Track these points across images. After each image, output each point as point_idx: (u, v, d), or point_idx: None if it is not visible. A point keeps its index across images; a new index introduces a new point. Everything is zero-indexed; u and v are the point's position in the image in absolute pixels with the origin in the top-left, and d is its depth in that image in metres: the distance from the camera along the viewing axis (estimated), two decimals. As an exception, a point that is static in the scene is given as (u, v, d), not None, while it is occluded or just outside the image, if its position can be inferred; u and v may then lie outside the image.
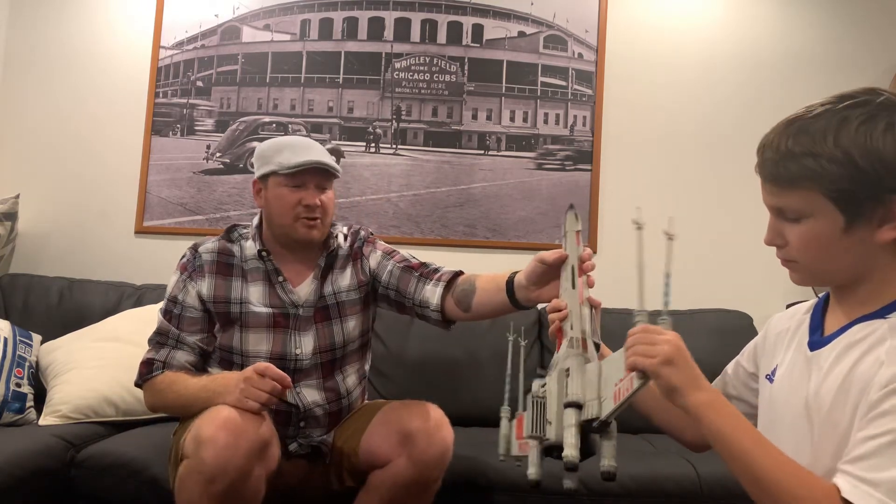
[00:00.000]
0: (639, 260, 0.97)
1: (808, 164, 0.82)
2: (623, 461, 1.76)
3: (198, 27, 2.66)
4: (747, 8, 2.69)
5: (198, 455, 1.24)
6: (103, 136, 2.63)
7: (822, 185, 0.81)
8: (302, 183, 1.51)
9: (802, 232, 0.85)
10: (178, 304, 1.54)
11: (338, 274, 1.60)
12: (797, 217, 0.85)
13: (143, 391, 1.53)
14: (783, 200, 0.86)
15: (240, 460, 1.24)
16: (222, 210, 2.59)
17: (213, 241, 1.59)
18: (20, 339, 2.05)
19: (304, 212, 1.51)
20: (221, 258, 1.56)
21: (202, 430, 1.26)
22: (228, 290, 1.53)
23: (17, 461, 1.55)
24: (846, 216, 0.81)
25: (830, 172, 0.80)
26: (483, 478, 1.69)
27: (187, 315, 1.53)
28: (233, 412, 1.29)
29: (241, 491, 1.26)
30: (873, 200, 0.80)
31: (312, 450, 1.53)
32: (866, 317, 0.85)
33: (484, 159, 2.63)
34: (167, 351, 1.51)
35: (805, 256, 0.87)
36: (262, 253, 1.55)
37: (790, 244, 0.87)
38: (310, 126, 2.63)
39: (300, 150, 1.52)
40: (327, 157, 1.53)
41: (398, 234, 2.58)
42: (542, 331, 2.37)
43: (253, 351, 1.51)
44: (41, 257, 2.58)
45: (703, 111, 2.67)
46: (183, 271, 1.56)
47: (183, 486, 1.29)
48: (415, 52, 2.65)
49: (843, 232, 0.82)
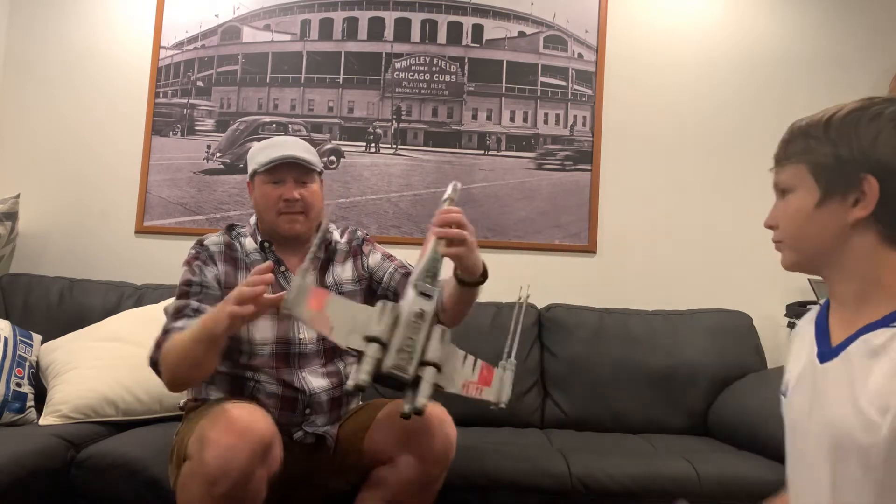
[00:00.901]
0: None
1: (800, 142, 0.89)
2: (623, 461, 1.78)
3: (198, 27, 2.66)
4: (747, 8, 2.69)
5: (200, 456, 1.24)
6: (103, 136, 2.63)
7: (807, 160, 0.88)
8: (281, 179, 1.54)
9: (786, 205, 0.91)
10: (195, 285, 1.50)
11: (338, 267, 1.64)
12: (785, 190, 0.91)
13: (161, 370, 1.43)
14: (778, 176, 0.93)
15: (242, 462, 1.24)
16: (222, 210, 2.59)
17: (217, 234, 1.62)
18: (20, 339, 2.05)
19: (285, 206, 1.54)
20: (227, 250, 1.58)
21: (205, 431, 1.26)
22: (236, 280, 1.54)
23: (17, 461, 1.55)
24: (822, 190, 0.86)
25: (815, 150, 0.87)
26: (483, 477, 1.69)
27: (207, 293, 1.50)
28: (236, 413, 1.29)
29: (242, 493, 1.26)
30: (847, 179, 0.84)
31: (317, 439, 1.53)
32: (871, 326, 0.84)
33: (484, 159, 2.64)
34: (185, 321, 1.44)
35: (787, 231, 0.91)
36: (265, 244, 1.58)
37: (779, 223, 0.93)
38: (310, 126, 2.63)
39: (278, 147, 1.55)
40: (303, 152, 1.55)
41: (398, 234, 2.58)
42: (542, 331, 2.37)
43: (259, 339, 1.51)
44: (41, 257, 2.58)
45: (704, 111, 2.67)
46: (195, 260, 1.54)
47: (185, 488, 1.29)
48: (415, 53, 2.65)
49: (818, 206, 0.87)
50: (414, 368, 1.07)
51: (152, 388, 1.90)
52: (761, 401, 2.01)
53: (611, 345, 2.31)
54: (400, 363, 1.07)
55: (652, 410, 2.23)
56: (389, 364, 1.06)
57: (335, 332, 1.11)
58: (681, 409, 2.23)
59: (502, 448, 1.83)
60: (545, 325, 2.38)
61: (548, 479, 1.70)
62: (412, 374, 1.06)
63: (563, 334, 2.34)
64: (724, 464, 1.78)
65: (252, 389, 1.51)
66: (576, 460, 1.75)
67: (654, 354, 2.27)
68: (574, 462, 1.74)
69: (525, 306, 1.19)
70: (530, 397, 2.27)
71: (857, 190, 0.84)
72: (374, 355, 1.06)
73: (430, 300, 1.16)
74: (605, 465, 1.73)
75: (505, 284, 2.58)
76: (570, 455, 1.78)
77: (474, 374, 1.12)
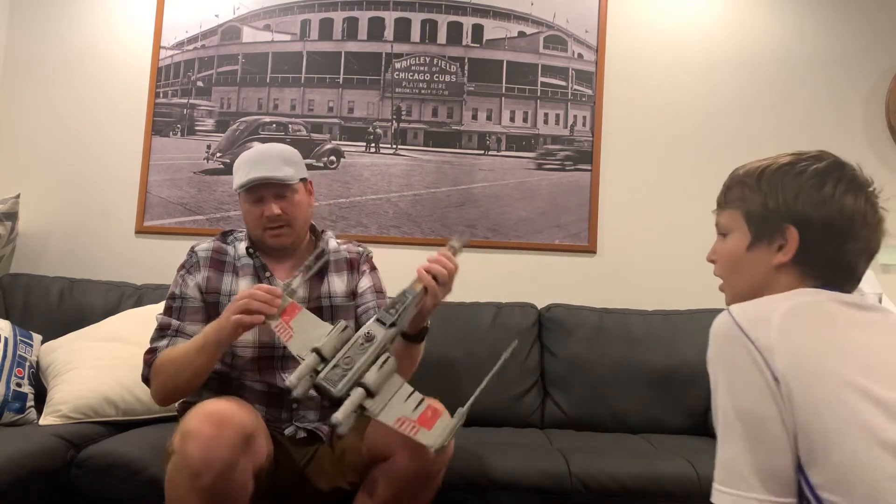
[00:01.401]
0: None
1: (737, 189, 1.01)
2: (623, 461, 1.78)
3: (198, 27, 2.66)
4: (747, 8, 2.69)
5: (183, 449, 1.26)
6: (103, 136, 2.63)
7: (741, 206, 0.99)
8: (259, 197, 1.57)
9: (723, 246, 1.02)
10: (177, 299, 1.59)
11: (335, 278, 1.65)
12: (724, 232, 1.02)
13: (150, 385, 1.54)
14: (719, 218, 1.04)
15: (224, 451, 1.25)
16: (223, 210, 2.59)
17: (209, 241, 1.67)
18: (20, 339, 2.05)
19: (268, 222, 1.57)
20: (215, 255, 1.64)
21: (187, 424, 1.28)
22: (220, 283, 1.60)
23: (17, 461, 1.55)
24: (753, 235, 0.98)
25: (748, 198, 0.98)
26: (483, 477, 1.69)
27: (188, 306, 1.58)
28: (217, 406, 1.30)
29: (227, 484, 1.27)
30: (773, 227, 0.95)
31: (309, 434, 1.54)
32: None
33: (484, 159, 2.64)
34: (168, 340, 1.54)
35: (722, 269, 1.03)
36: (250, 250, 1.62)
37: (718, 260, 1.04)
38: (310, 126, 2.63)
39: (254, 165, 1.56)
40: (277, 169, 1.55)
41: (398, 234, 2.59)
42: (542, 331, 2.37)
43: (241, 342, 1.53)
44: (41, 257, 2.58)
45: (704, 111, 2.67)
46: (181, 269, 1.63)
47: (171, 482, 1.30)
48: (415, 53, 2.65)
49: (749, 249, 0.98)
50: (344, 386, 1.13)
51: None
52: (761, 401, 2.01)
53: (611, 345, 2.31)
54: (332, 377, 1.14)
55: (652, 410, 2.23)
56: (321, 376, 1.14)
57: (293, 341, 1.27)
58: (681, 409, 2.23)
59: (502, 448, 1.83)
60: (545, 325, 2.38)
61: (548, 479, 1.70)
62: (340, 391, 1.12)
63: (563, 334, 2.34)
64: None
65: (237, 388, 1.55)
66: (576, 460, 1.75)
67: (654, 354, 2.28)
68: (574, 462, 1.74)
69: (509, 354, 1.20)
70: (530, 397, 2.27)
71: (781, 237, 0.94)
72: (310, 364, 1.16)
73: (383, 327, 1.22)
74: (605, 465, 1.73)
75: (505, 284, 2.60)
76: (570, 455, 1.78)
77: (415, 413, 1.15)
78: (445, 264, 1.35)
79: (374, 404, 1.13)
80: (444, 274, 1.34)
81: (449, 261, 1.36)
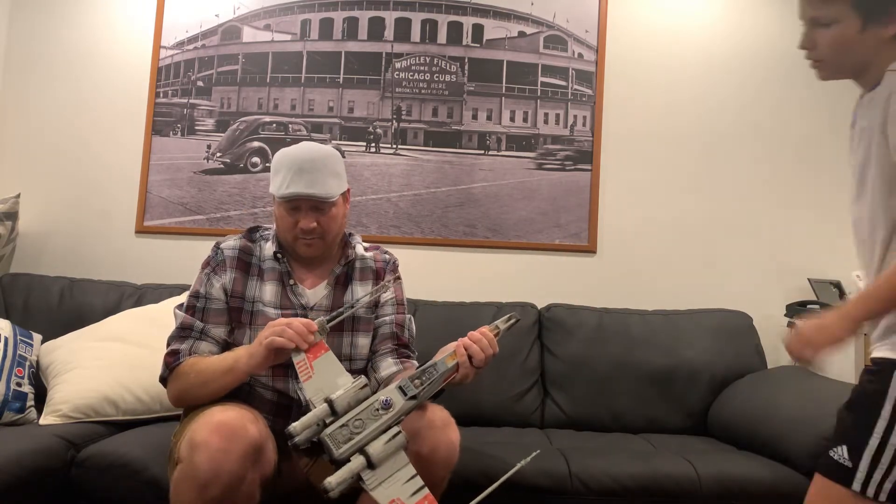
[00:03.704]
0: None
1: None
2: (623, 461, 1.78)
3: (198, 27, 2.66)
4: (747, 8, 2.69)
5: (191, 460, 1.24)
6: (104, 136, 2.64)
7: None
8: (297, 206, 1.52)
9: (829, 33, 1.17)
10: (201, 298, 1.54)
11: (358, 286, 1.62)
12: (828, 23, 1.16)
13: (167, 385, 1.51)
14: (820, 11, 1.17)
15: (233, 465, 1.23)
16: (223, 210, 2.59)
17: (236, 238, 1.61)
18: (21, 339, 2.05)
19: (301, 233, 1.53)
20: (242, 255, 1.58)
21: (195, 434, 1.26)
22: (245, 287, 1.56)
23: (17, 461, 1.55)
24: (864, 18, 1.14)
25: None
26: (483, 478, 1.69)
27: (212, 307, 1.54)
28: (226, 415, 1.28)
29: (234, 496, 1.25)
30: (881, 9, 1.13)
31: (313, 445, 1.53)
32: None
33: (484, 159, 2.64)
34: (191, 342, 1.51)
35: (828, 52, 1.19)
36: (278, 255, 1.58)
37: (819, 47, 1.19)
38: (310, 126, 2.63)
39: (295, 174, 1.49)
40: (321, 185, 1.49)
41: (398, 234, 2.59)
42: (542, 331, 2.38)
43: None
44: (41, 257, 2.58)
45: (703, 111, 2.67)
46: (206, 267, 1.58)
47: (177, 491, 1.28)
48: (415, 52, 2.65)
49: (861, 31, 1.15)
50: (347, 450, 1.09)
51: (152, 388, 1.90)
52: (761, 401, 2.02)
53: (611, 345, 2.31)
54: (338, 437, 1.10)
55: (652, 410, 2.23)
56: (327, 431, 1.11)
57: (310, 383, 1.22)
58: (681, 408, 2.23)
59: (502, 448, 1.83)
60: (545, 325, 2.38)
61: (548, 479, 1.70)
62: (342, 455, 1.09)
63: (563, 334, 2.34)
64: (723, 464, 1.78)
65: (247, 395, 1.52)
66: (576, 460, 1.75)
67: (654, 354, 2.28)
68: (574, 462, 1.74)
69: (523, 465, 1.20)
70: (530, 397, 2.27)
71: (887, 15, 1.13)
72: (318, 415, 1.11)
73: (404, 397, 1.19)
74: (605, 465, 1.73)
75: (505, 284, 2.60)
76: (570, 455, 1.78)
77: (411, 499, 1.10)
78: (486, 348, 1.32)
79: (372, 477, 1.09)
80: (481, 358, 1.30)
81: (490, 345, 1.33)
